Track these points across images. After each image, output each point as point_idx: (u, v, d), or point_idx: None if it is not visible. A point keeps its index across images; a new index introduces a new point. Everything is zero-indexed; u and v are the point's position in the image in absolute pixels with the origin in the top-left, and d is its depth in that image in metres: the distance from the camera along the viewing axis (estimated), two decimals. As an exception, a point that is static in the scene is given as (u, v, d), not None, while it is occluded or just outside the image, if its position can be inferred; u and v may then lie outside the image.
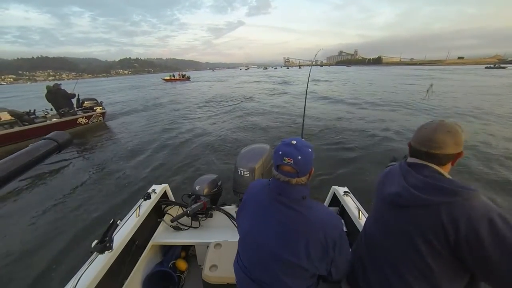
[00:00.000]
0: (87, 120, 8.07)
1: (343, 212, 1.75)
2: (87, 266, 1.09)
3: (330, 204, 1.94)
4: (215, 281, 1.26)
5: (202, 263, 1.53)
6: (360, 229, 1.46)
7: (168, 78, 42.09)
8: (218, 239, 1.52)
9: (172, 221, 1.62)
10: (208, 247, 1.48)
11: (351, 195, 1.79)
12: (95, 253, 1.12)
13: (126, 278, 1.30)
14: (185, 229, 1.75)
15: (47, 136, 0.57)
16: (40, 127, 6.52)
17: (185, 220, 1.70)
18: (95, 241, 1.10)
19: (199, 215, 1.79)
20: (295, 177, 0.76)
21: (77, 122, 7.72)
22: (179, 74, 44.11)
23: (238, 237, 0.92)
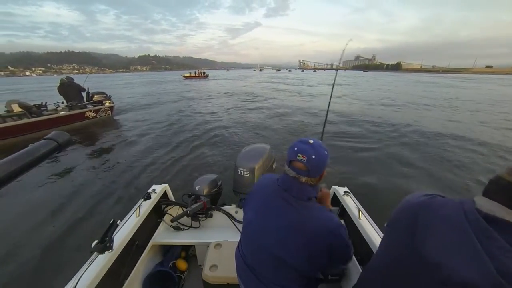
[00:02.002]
0: (95, 114, 8.03)
1: (343, 212, 1.74)
2: (87, 266, 1.09)
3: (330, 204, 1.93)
4: (215, 281, 1.27)
5: (202, 263, 1.53)
6: (360, 229, 1.46)
7: (188, 75, 44.31)
8: (218, 239, 1.53)
9: (172, 221, 1.63)
10: (208, 247, 1.48)
11: (351, 195, 1.78)
12: (95, 253, 1.12)
13: (126, 278, 1.31)
14: (185, 229, 1.75)
15: (47, 136, 0.58)
16: (48, 120, 6.57)
17: (185, 220, 1.71)
18: (95, 241, 1.10)
19: (199, 215, 1.79)
20: (305, 176, 0.75)
21: (85, 115, 7.69)
22: (198, 72, 45.73)
23: (238, 237, 0.95)
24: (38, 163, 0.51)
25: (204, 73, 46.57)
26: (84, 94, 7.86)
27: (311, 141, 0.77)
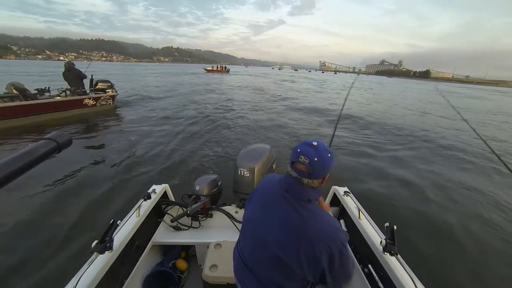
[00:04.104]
0: (94, 102, 7.71)
1: (343, 212, 1.73)
2: (87, 266, 1.10)
3: (330, 204, 1.92)
4: (215, 281, 1.28)
5: (202, 263, 1.54)
6: (360, 229, 1.44)
7: (210, 68, 45.34)
8: (218, 239, 1.54)
9: (172, 221, 1.63)
10: (208, 247, 1.49)
11: (351, 195, 1.78)
12: (95, 253, 1.12)
13: (126, 278, 1.31)
14: (185, 229, 1.76)
15: (46, 136, 0.58)
16: (42, 104, 6.23)
17: (185, 220, 1.71)
18: (95, 241, 1.11)
19: (199, 215, 1.80)
20: (306, 178, 0.75)
21: (83, 103, 7.36)
22: (220, 66, 46.37)
23: (238, 237, 0.96)
24: (37, 163, 0.51)
25: (225, 67, 46.82)
26: (87, 81, 7.75)
27: (315, 143, 0.76)
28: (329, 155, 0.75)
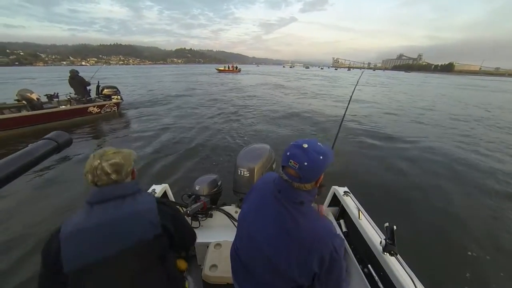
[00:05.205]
0: (99, 110, 7.75)
1: (343, 212, 1.72)
2: None
3: (330, 204, 1.91)
4: (215, 281, 1.29)
5: (202, 263, 1.55)
6: (360, 229, 1.43)
7: (222, 68, 46.40)
8: (218, 239, 1.56)
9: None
10: (208, 247, 1.51)
11: (351, 195, 1.77)
12: None
13: None
14: None
15: (46, 136, 0.59)
16: (47, 114, 6.34)
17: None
18: None
19: (199, 215, 1.81)
20: (297, 182, 0.74)
21: (88, 111, 7.40)
22: (232, 66, 47.69)
23: (235, 235, 0.95)
24: (37, 163, 0.51)
25: (236, 67, 48.49)
26: (94, 88, 7.80)
27: (305, 145, 0.72)
28: (321, 157, 0.71)
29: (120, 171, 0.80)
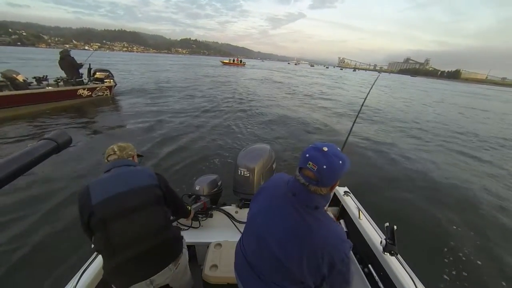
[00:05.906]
0: (89, 93, 7.24)
1: (343, 212, 1.72)
2: (87, 266, 1.11)
3: (330, 204, 1.93)
4: (215, 281, 1.28)
5: (202, 263, 1.57)
6: (360, 229, 1.43)
7: (227, 61, 47.41)
8: (218, 239, 1.55)
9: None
10: (208, 247, 1.50)
11: (351, 195, 1.78)
12: (95, 253, 1.13)
13: None
14: (185, 229, 1.76)
15: (46, 136, 0.58)
16: (32, 94, 5.74)
17: (185, 220, 1.70)
18: None
19: (199, 215, 1.81)
20: (314, 185, 0.73)
21: (77, 93, 6.86)
22: (237, 60, 48.59)
23: (239, 237, 0.96)
24: (37, 163, 0.52)
25: (241, 61, 49.20)
26: (85, 71, 7.37)
27: (325, 149, 0.71)
28: (340, 162, 0.71)
29: (122, 151, 1.20)
